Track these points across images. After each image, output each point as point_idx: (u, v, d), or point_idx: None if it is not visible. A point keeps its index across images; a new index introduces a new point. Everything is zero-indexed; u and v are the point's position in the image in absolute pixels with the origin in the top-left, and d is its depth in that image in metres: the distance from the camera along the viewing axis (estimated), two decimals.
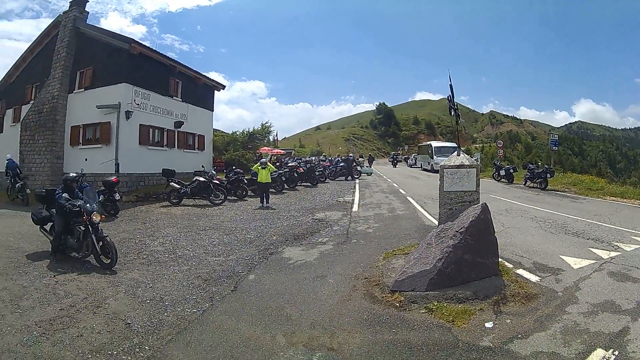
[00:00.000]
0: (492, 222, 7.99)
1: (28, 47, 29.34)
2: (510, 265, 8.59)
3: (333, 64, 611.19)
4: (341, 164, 35.03)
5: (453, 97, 8.96)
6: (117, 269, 9.20)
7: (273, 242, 11.56)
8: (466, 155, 8.88)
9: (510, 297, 6.82)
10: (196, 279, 8.47)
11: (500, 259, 8.30)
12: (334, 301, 7.08)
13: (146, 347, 5.72)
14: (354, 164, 35.73)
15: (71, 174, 11.13)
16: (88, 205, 9.77)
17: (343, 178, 33.79)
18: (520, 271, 8.32)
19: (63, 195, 10.16)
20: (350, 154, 44.82)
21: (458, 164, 8.37)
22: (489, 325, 5.88)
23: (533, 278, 7.92)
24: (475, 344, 5.40)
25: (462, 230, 7.46)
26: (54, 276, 8.87)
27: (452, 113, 9.14)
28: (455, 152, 8.90)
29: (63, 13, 25.75)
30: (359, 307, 6.77)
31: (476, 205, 8.04)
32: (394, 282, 7.34)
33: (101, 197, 14.67)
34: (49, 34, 27.43)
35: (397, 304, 6.71)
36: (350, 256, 9.91)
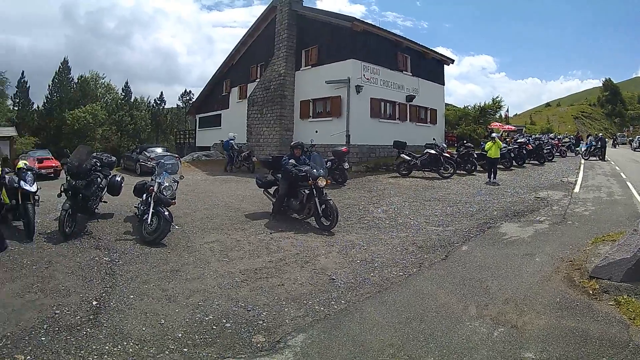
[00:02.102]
0: None
1: (247, 32, 32.71)
2: None
3: (558, 35, 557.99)
4: (594, 144, 32.91)
5: None
6: (335, 231, 9.94)
7: (493, 216, 11.50)
8: None
9: None
10: (411, 246, 8.82)
11: None
12: (534, 280, 6.92)
13: (342, 301, 6.17)
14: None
15: (297, 142, 12.06)
16: (315, 170, 10.56)
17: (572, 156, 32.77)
18: None
19: (290, 161, 11.08)
20: (600, 134, 41.86)
21: None
22: None
23: None
24: None
25: None
26: (270, 233, 9.87)
27: None
28: None
29: None
30: (555, 289, 6.56)
31: None
32: (593, 268, 6.90)
33: (329, 164, 15.45)
34: (266, 18, 30.15)
35: (591, 292, 6.37)
36: (562, 237, 9.46)
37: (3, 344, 5.10)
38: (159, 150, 26.59)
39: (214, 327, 5.52)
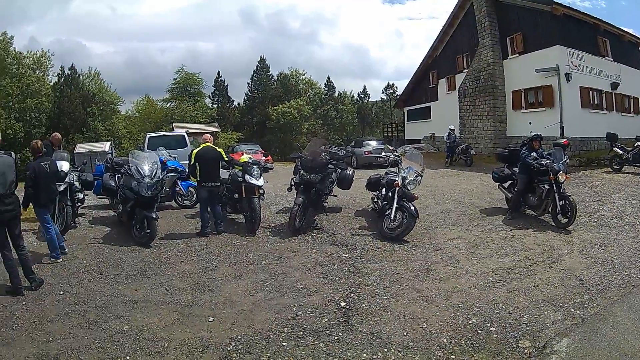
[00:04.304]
0: None
1: (446, 22, 32.77)
2: None
3: None
4: None
5: None
6: (570, 229, 9.68)
7: None
8: None
9: None
10: None
11: None
12: None
13: (594, 304, 6.06)
14: None
15: (536, 134, 11.35)
16: (555, 164, 10.11)
17: None
18: None
19: (531, 154, 10.60)
20: None
21: None
22: None
23: None
24: None
25: None
26: (510, 230, 9.83)
27: None
28: None
29: None
30: None
31: None
32: None
33: (566, 158, 16.16)
34: (462, 6, 30.00)
35: None
36: None
37: (233, 347, 5.01)
38: (373, 143, 27.30)
39: (479, 331, 5.39)
